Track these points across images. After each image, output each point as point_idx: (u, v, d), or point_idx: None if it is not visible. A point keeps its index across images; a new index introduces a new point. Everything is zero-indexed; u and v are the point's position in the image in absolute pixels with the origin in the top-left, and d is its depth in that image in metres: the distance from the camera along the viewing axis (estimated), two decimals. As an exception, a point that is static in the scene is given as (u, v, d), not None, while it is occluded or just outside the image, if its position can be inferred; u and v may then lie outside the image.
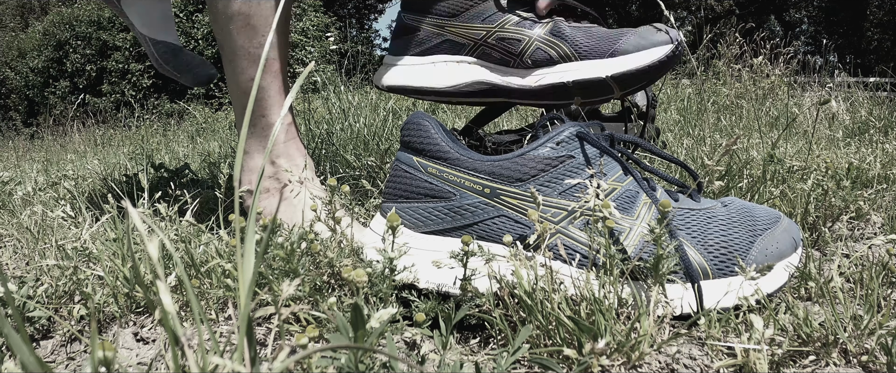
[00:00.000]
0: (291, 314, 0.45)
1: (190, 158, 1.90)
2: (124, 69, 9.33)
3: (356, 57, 2.56)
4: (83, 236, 0.58)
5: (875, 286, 0.42)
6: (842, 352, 0.40)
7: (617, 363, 0.39)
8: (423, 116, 0.52)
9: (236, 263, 0.34)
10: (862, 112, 1.67)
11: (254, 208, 0.26)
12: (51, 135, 4.05)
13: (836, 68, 3.36)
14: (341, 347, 0.25)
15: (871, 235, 0.74)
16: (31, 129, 7.67)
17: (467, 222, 0.50)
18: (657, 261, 0.42)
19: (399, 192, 0.53)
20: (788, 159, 0.87)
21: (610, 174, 0.50)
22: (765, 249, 0.49)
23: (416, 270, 0.48)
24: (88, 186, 1.25)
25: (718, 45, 2.76)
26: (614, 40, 0.67)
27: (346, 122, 1.40)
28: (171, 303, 0.22)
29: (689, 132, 1.23)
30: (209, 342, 0.40)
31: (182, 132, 3.32)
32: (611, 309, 0.41)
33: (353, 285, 0.42)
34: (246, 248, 0.24)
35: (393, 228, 0.46)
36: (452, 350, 0.44)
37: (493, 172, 0.49)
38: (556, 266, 0.47)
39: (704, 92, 2.07)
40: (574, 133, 0.49)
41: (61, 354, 0.48)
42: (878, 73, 3.57)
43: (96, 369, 0.22)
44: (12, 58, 10.47)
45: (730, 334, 0.43)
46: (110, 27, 9.54)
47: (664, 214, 0.41)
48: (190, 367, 0.23)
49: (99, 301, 0.51)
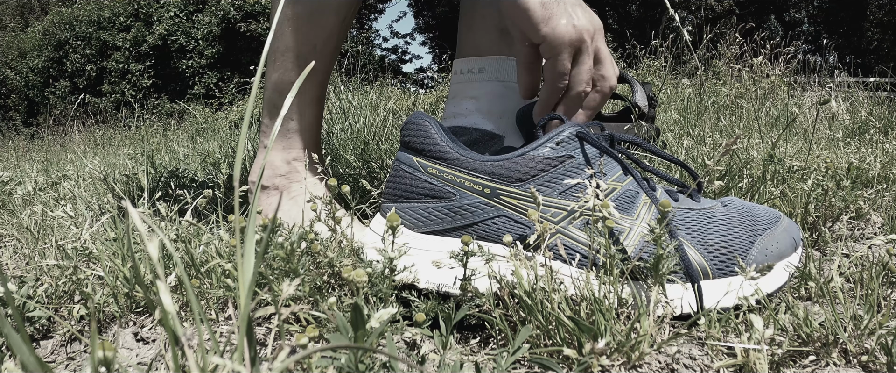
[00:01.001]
0: (291, 314, 0.45)
1: (190, 158, 1.90)
2: (124, 69, 9.32)
3: (356, 57, 2.56)
4: (83, 236, 0.58)
5: (875, 286, 0.42)
6: (842, 352, 0.40)
7: (617, 363, 0.39)
8: (423, 117, 0.52)
9: (236, 263, 0.34)
10: (862, 112, 1.67)
11: (254, 206, 0.26)
12: (51, 135, 4.05)
13: (837, 68, 3.36)
14: (341, 347, 0.25)
15: (871, 235, 0.74)
16: (31, 129, 7.68)
17: (467, 222, 0.50)
18: (657, 261, 0.42)
19: (399, 192, 0.53)
20: (788, 159, 0.87)
21: (610, 174, 0.50)
22: (765, 248, 0.49)
23: (416, 270, 0.48)
24: (88, 186, 1.25)
25: (718, 45, 2.76)
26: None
27: (346, 122, 1.40)
28: (171, 303, 0.22)
29: (689, 132, 1.23)
30: (209, 342, 0.40)
31: (182, 132, 3.32)
32: (611, 309, 0.41)
33: (353, 285, 0.42)
34: (246, 248, 0.24)
35: (393, 228, 0.46)
36: (452, 350, 0.44)
37: (493, 172, 0.49)
38: (556, 266, 0.47)
39: (704, 92, 2.07)
40: (574, 133, 0.49)
41: (61, 354, 0.48)
42: (878, 73, 3.57)
43: (96, 369, 0.22)
44: (12, 58, 10.46)
45: (730, 334, 0.43)
46: (110, 27, 9.54)
47: (664, 214, 0.41)
48: (190, 367, 0.23)
49: (99, 301, 0.51)
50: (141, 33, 9.35)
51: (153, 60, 9.34)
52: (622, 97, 1.09)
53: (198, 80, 9.18)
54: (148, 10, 9.48)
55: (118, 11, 9.59)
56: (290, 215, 0.72)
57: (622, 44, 3.64)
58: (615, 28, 11.54)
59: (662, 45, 2.85)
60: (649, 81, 1.83)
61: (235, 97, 6.37)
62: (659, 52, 2.88)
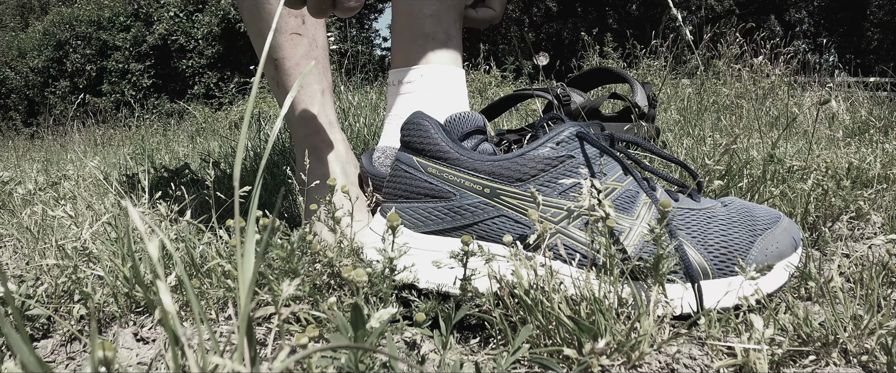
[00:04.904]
0: (291, 314, 0.45)
1: (190, 158, 1.90)
2: (124, 69, 9.33)
3: (356, 57, 2.56)
4: (83, 236, 0.58)
5: (875, 286, 0.42)
6: (842, 352, 0.40)
7: (617, 363, 0.39)
8: (423, 117, 0.52)
9: (236, 263, 0.34)
10: (862, 112, 1.67)
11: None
12: (51, 135, 4.05)
13: (837, 68, 3.36)
14: (341, 347, 0.25)
15: (871, 235, 0.74)
16: (31, 129, 7.67)
17: (467, 222, 0.50)
18: (657, 261, 0.42)
19: (399, 192, 0.53)
20: (788, 159, 0.87)
21: (610, 174, 0.50)
22: (765, 248, 0.49)
23: (416, 270, 0.48)
24: (89, 185, 1.25)
25: (718, 45, 2.76)
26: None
27: (346, 122, 1.40)
28: (171, 303, 0.22)
29: (689, 132, 1.23)
30: (209, 342, 0.40)
31: (182, 132, 3.32)
32: (611, 309, 0.41)
33: (353, 285, 0.42)
34: (246, 248, 0.24)
35: (393, 228, 0.45)
36: (452, 350, 0.44)
37: (493, 171, 0.49)
38: (556, 266, 0.47)
39: (704, 92, 2.07)
40: (574, 133, 0.49)
41: (61, 353, 0.48)
42: (878, 72, 3.57)
43: (96, 368, 0.22)
44: (12, 58, 10.46)
45: (730, 334, 0.43)
46: (110, 27, 9.55)
47: (664, 213, 0.41)
48: (190, 367, 0.23)
49: (99, 301, 0.51)
50: (141, 33, 9.35)
51: (153, 60, 9.34)
52: (622, 97, 1.09)
53: (198, 80, 9.18)
54: (148, 10, 9.49)
55: (118, 11, 9.59)
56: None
57: (622, 44, 3.64)
58: (615, 28, 11.53)
59: (662, 44, 2.85)
60: (649, 81, 1.83)
61: (235, 97, 6.37)
62: (659, 52, 2.88)
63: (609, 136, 0.53)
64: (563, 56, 8.22)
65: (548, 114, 0.65)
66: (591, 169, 0.49)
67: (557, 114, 0.59)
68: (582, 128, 0.50)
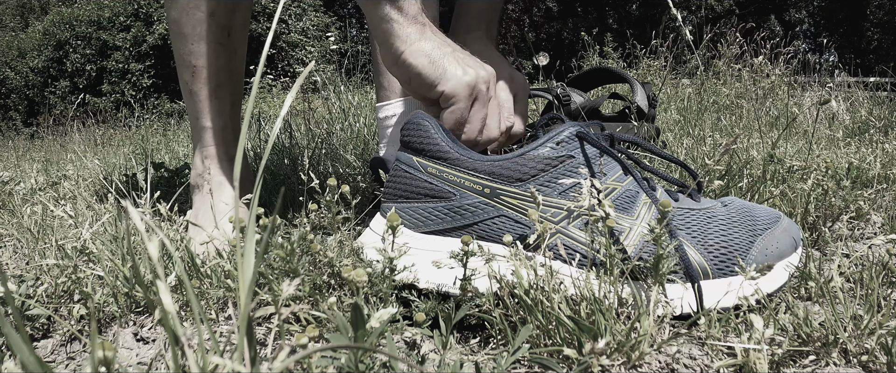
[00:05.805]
0: (291, 314, 0.45)
1: (190, 158, 1.90)
2: (124, 69, 9.33)
3: (356, 57, 2.56)
4: (83, 236, 0.58)
5: (875, 286, 0.42)
6: (842, 352, 0.40)
7: (617, 363, 0.39)
8: (424, 117, 0.52)
9: (236, 263, 0.34)
10: (862, 112, 1.67)
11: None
12: (51, 135, 4.05)
13: (837, 68, 3.36)
14: (341, 346, 0.25)
15: (871, 235, 0.74)
16: (31, 129, 7.67)
17: (467, 222, 0.50)
18: (657, 261, 0.42)
19: (399, 192, 0.53)
20: (788, 159, 0.87)
21: (610, 174, 0.50)
22: (765, 248, 0.49)
23: (416, 270, 0.48)
24: (89, 185, 1.25)
25: (718, 45, 2.76)
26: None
27: (346, 122, 1.40)
28: (171, 303, 0.22)
29: (689, 132, 1.23)
30: (209, 342, 0.40)
31: (182, 132, 3.31)
32: (611, 309, 0.41)
33: (353, 285, 0.42)
34: (246, 248, 0.24)
35: (393, 228, 0.45)
36: (452, 350, 0.44)
37: (493, 171, 0.49)
38: (556, 266, 0.47)
39: (704, 92, 2.07)
40: (574, 133, 0.49)
41: (61, 353, 0.48)
42: (878, 73, 3.57)
43: (96, 368, 0.22)
44: (12, 58, 10.46)
45: (730, 334, 0.43)
46: (110, 27, 9.55)
47: (664, 213, 0.41)
48: (190, 367, 0.23)
49: (99, 301, 0.51)
50: (141, 33, 9.35)
51: (153, 60, 9.34)
52: (622, 97, 1.08)
53: (198, 80, 9.15)
54: (148, 10, 9.48)
55: (118, 11, 9.59)
56: (198, 215, 0.72)
57: (622, 44, 3.64)
58: (615, 28, 11.53)
59: (662, 44, 2.84)
60: (649, 81, 1.83)
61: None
62: (659, 52, 2.88)
63: (609, 136, 0.53)
64: (563, 56, 8.22)
65: (548, 114, 0.65)
66: (591, 169, 0.49)
67: (557, 114, 0.59)
68: (582, 128, 0.50)
